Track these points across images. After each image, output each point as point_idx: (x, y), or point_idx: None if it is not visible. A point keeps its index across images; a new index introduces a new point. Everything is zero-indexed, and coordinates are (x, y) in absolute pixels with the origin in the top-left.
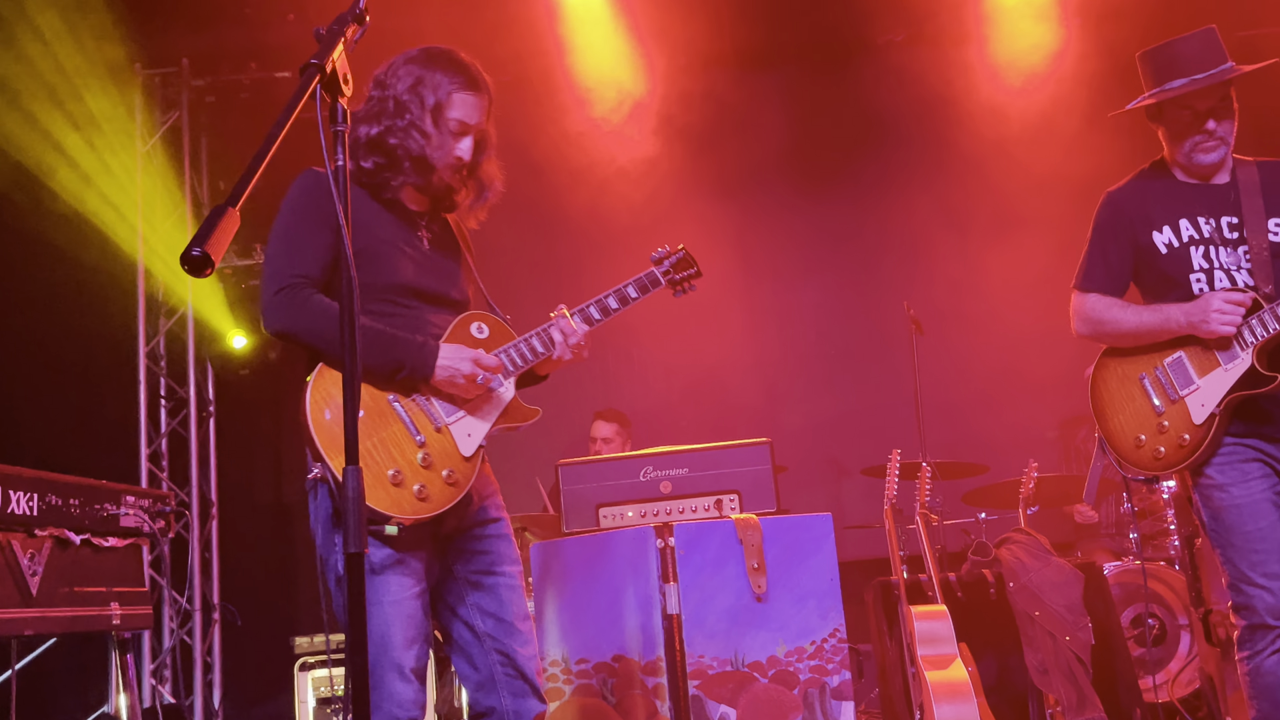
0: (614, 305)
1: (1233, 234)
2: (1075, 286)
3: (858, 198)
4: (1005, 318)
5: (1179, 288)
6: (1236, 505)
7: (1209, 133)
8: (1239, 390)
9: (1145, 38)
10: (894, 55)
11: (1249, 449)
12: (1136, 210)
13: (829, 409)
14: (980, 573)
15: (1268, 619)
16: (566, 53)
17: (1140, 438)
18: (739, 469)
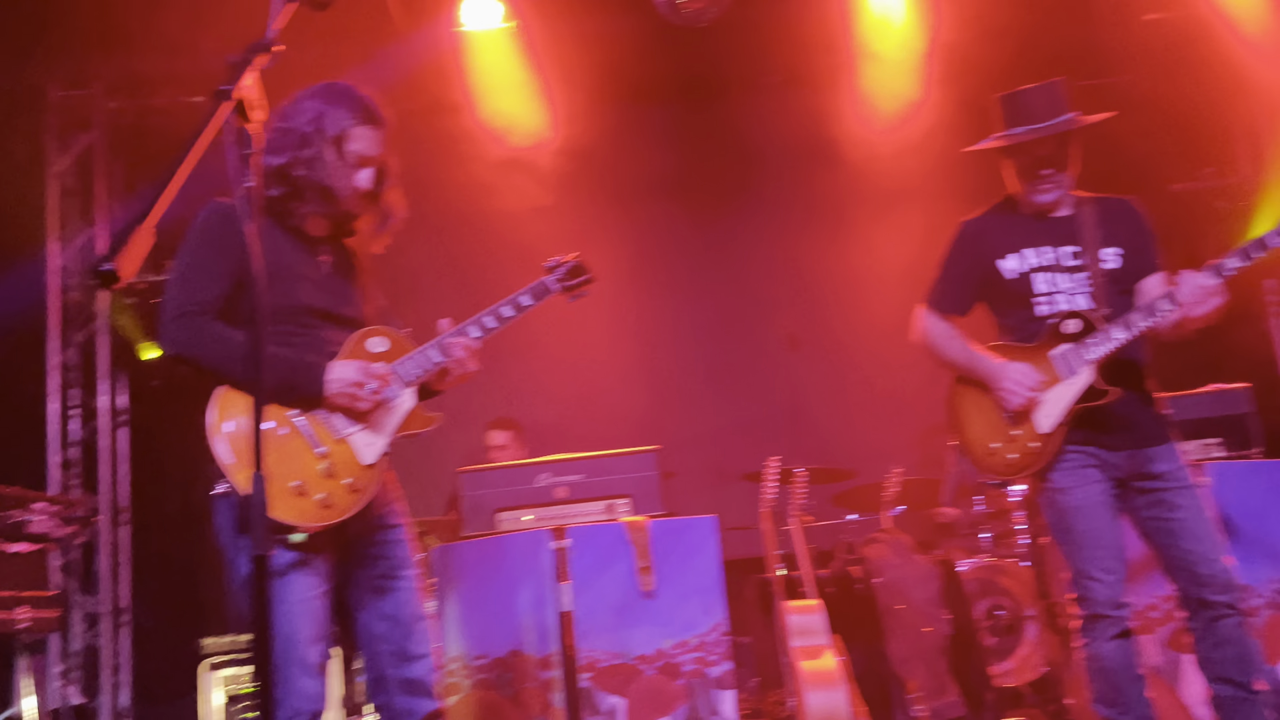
0: (507, 313)
1: (1073, 262)
2: (923, 301)
3: (741, 222)
4: (873, 334)
5: (1025, 309)
6: (1077, 507)
7: (1045, 177)
8: (1080, 402)
9: (1000, 85)
10: (772, 94)
11: (1088, 456)
12: (987, 239)
13: (712, 418)
14: (849, 570)
15: (1103, 609)
16: (472, 84)
17: (993, 445)
18: (629, 475)
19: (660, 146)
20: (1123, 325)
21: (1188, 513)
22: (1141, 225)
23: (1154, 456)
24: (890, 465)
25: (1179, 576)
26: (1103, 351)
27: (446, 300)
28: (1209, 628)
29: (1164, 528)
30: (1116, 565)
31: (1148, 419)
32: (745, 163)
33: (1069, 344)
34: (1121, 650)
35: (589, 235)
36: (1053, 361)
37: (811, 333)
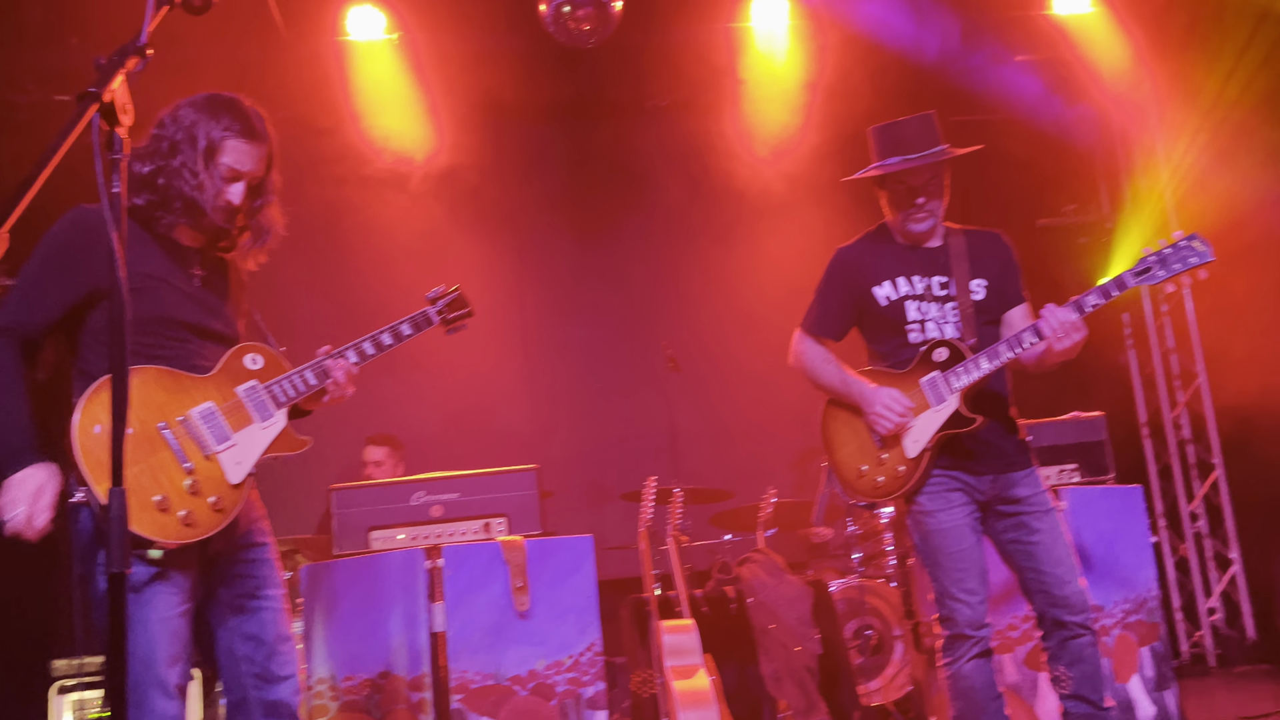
0: (387, 341)
1: (942, 291)
2: (800, 325)
3: (624, 244)
4: (752, 357)
5: (897, 336)
6: (942, 529)
7: (919, 206)
8: (947, 429)
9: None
10: (657, 118)
11: (953, 480)
12: (861, 266)
13: (593, 438)
14: (723, 589)
15: (966, 630)
16: (354, 96)
17: (863, 468)
18: (507, 494)
19: (545, 166)
20: (989, 355)
21: (1046, 536)
22: (1008, 258)
23: (1015, 481)
24: (765, 486)
25: (1036, 598)
26: (969, 380)
27: (323, 318)
28: (1063, 647)
29: (1023, 550)
30: (979, 587)
31: (1010, 445)
32: (629, 185)
33: (938, 371)
34: (982, 670)
35: (472, 253)
36: (922, 388)
37: (692, 354)
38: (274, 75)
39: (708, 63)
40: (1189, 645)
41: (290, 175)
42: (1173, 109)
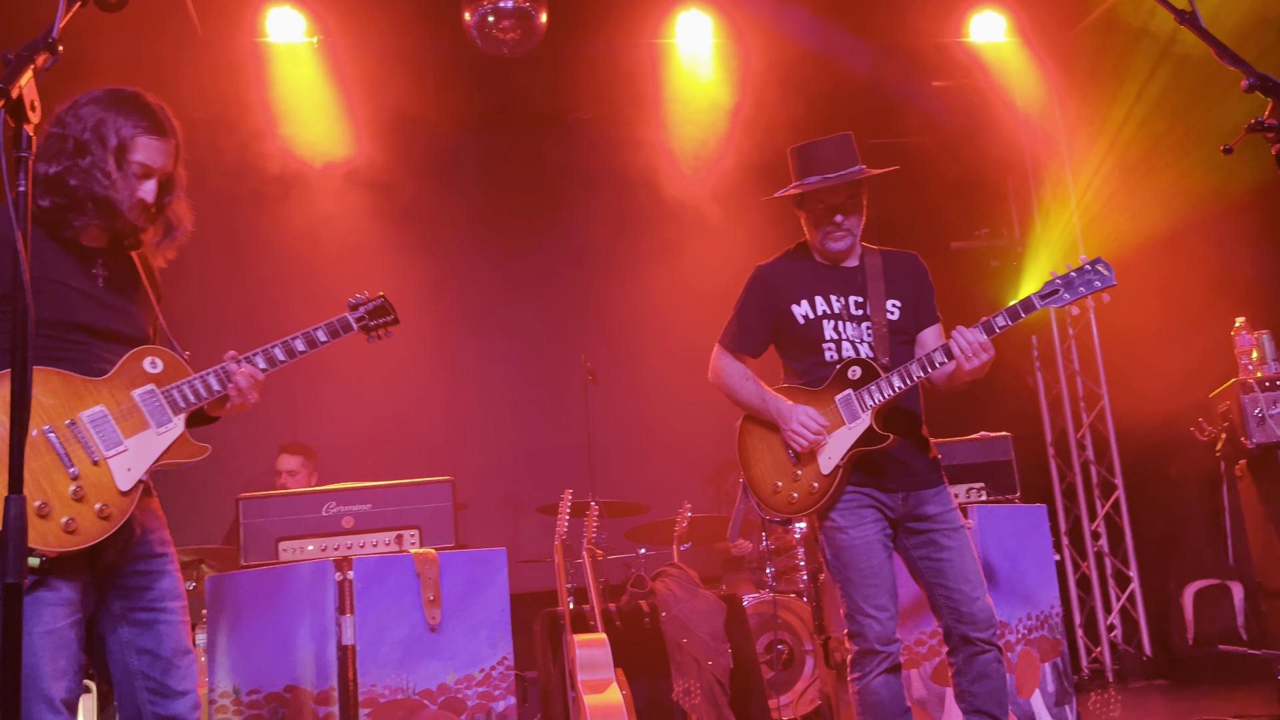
0: (300, 348)
1: (858, 311)
2: (719, 341)
3: (545, 257)
4: (670, 373)
5: (814, 354)
6: (854, 545)
7: (837, 224)
8: (859, 446)
9: (798, 139)
10: (582, 131)
11: (866, 497)
12: (780, 284)
13: (510, 451)
14: (638, 603)
15: (876, 645)
16: (273, 99)
17: (778, 484)
18: (420, 505)
19: (466, 175)
20: (901, 374)
21: (955, 553)
22: (923, 279)
23: (926, 499)
24: (681, 501)
25: (944, 614)
26: (882, 398)
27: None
28: (969, 663)
29: (933, 567)
30: (889, 603)
31: (922, 464)
32: (551, 197)
33: (851, 390)
34: (891, 685)
35: (388, 261)
36: (837, 406)
37: (611, 368)
38: (189, 75)
39: (631, 77)
40: (1089, 661)
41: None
42: (1081, 138)
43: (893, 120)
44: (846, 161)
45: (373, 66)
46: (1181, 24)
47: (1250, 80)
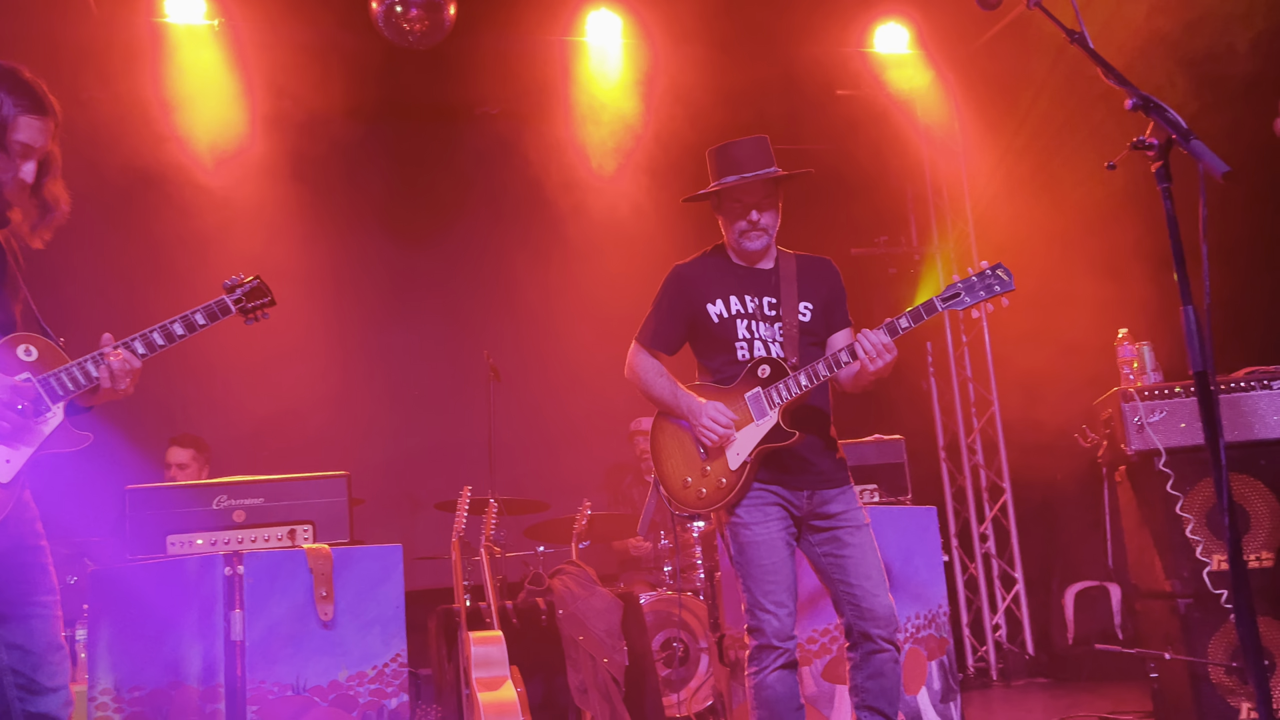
0: (179, 331)
1: (771, 312)
2: (636, 338)
3: (450, 251)
4: (572, 370)
5: (726, 352)
6: (756, 542)
7: (754, 223)
8: (766, 443)
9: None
10: (490, 125)
11: (772, 494)
12: (697, 283)
13: (409, 446)
14: (535, 601)
15: (773, 640)
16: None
17: (687, 479)
18: (315, 500)
19: (370, 166)
20: (808, 373)
21: (858, 551)
22: (835, 284)
23: (831, 498)
24: (581, 499)
25: (846, 610)
26: (789, 396)
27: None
28: (867, 659)
29: (835, 564)
30: (788, 600)
31: (827, 462)
32: (456, 191)
33: (760, 388)
34: (786, 680)
35: (288, 251)
36: (746, 403)
37: (514, 365)
38: (82, 54)
39: (540, 74)
40: (974, 659)
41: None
42: (978, 150)
43: (798, 126)
44: (762, 162)
45: (275, 52)
46: (1072, 43)
47: (1134, 100)
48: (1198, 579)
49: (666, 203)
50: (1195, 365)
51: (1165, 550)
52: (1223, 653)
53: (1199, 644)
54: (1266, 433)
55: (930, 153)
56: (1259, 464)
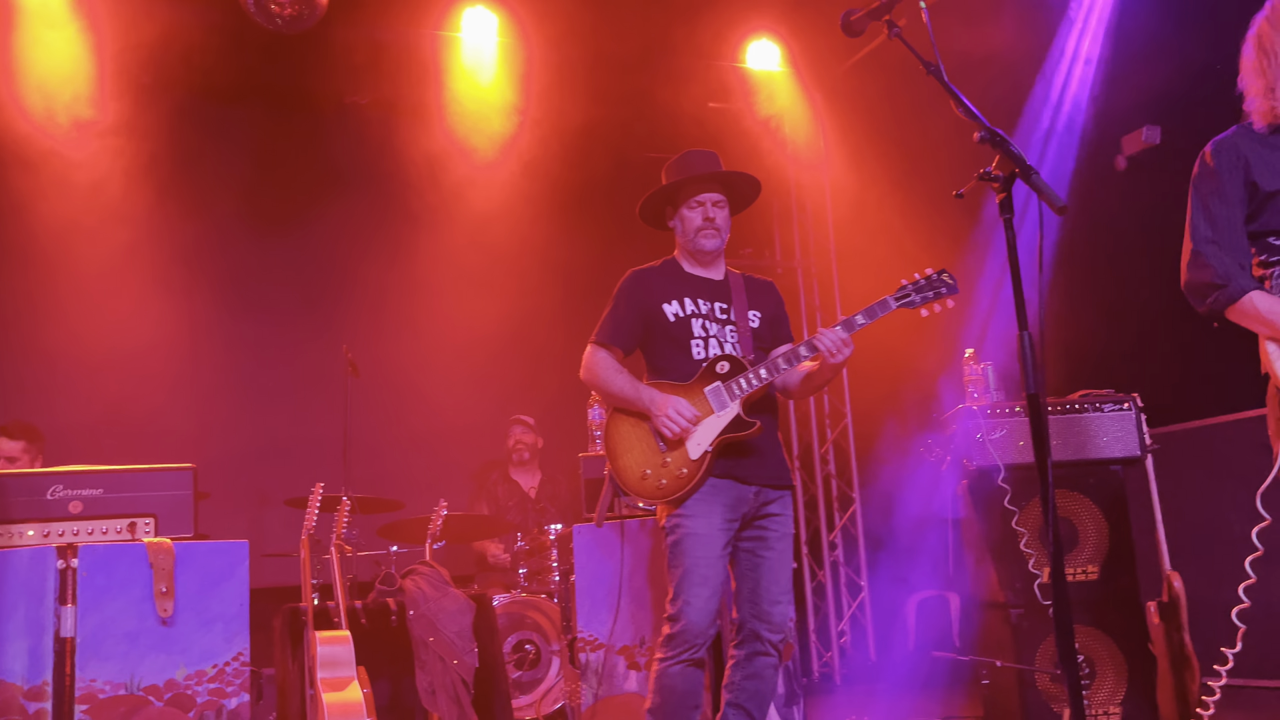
0: None
1: (724, 315)
2: (591, 339)
3: (312, 241)
4: (433, 368)
5: (682, 350)
6: (697, 534)
7: (710, 220)
8: (728, 433)
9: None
10: (359, 115)
11: (723, 490)
12: (652, 285)
13: (260, 440)
14: (385, 601)
15: (688, 633)
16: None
17: (646, 472)
18: (157, 493)
19: (231, 149)
20: (768, 367)
21: (777, 558)
22: (779, 303)
23: (772, 499)
24: (438, 499)
25: (744, 606)
26: (749, 389)
27: None
28: (750, 659)
29: (752, 561)
30: (713, 598)
31: (776, 462)
32: (321, 180)
33: (720, 382)
34: (688, 677)
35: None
36: (706, 396)
37: (373, 360)
38: None
39: (413, 67)
40: (820, 665)
41: None
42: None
43: (669, 135)
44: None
45: (137, 28)
46: (929, 74)
47: (981, 134)
48: (1029, 590)
49: (536, 202)
50: (1028, 388)
51: (1001, 562)
52: (1049, 661)
53: (1028, 652)
54: (1096, 453)
55: (796, 170)
56: (1089, 483)
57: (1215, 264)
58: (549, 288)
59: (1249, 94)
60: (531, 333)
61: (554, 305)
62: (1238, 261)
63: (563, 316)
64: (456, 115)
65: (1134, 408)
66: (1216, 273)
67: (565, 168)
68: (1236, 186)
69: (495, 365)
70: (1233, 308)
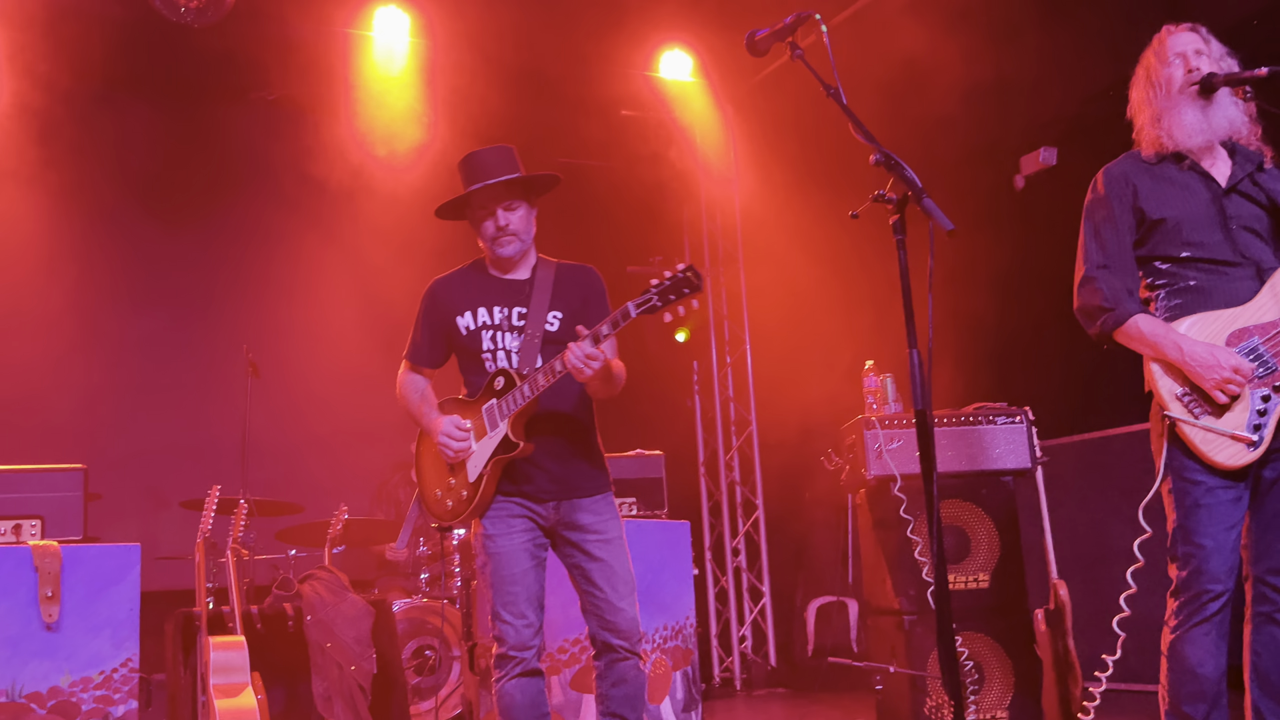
0: None
1: (520, 323)
2: (402, 356)
3: (214, 238)
4: (336, 373)
5: (476, 363)
6: (500, 553)
7: (502, 228)
8: (498, 454)
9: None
10: (266, 111)
11: (516, 505)
12: (449, 297)
13: (156, 440)
14: (282, 606)
15: (511, 650)
16: None
17: (438, 492)
18: (45, 494)
19: (132, 142)
20: (529, 383)
21: (607, 563)
22: (592, 292)
23: (580, 508)
24: (338, 503)
25: (590, 620)
26: (514, 408)
27: None
28: (611, 668)
29: (583, 574)
30: (528, 610)
31: (577, 472)
32: (225, 176)
33: (495, 399)
34: (526, 689)
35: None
36: (483, 415)
37: (275, 361)
38: None
39: (323, 63)
40: (720, 670)
41: None
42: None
43: (581, 142)
44: (507, 169)
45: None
46: (828, 96)
47: (877, 156)
48: (923, 597)
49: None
50: (916, 404)
51: (896, 569)
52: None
53: (920, 658)
54: (989, 464)
55: (706, 180)
56: (981, 493)
57: (1105, 288)
58: None
59: (1137, 123)
60: None
61: None
62: (1126, 286)
63: None
64: (365, 114)
65: (1025, 421)
66: (1106, 297)
67: None
68: (1125, 213)
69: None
70: (1120, 330)
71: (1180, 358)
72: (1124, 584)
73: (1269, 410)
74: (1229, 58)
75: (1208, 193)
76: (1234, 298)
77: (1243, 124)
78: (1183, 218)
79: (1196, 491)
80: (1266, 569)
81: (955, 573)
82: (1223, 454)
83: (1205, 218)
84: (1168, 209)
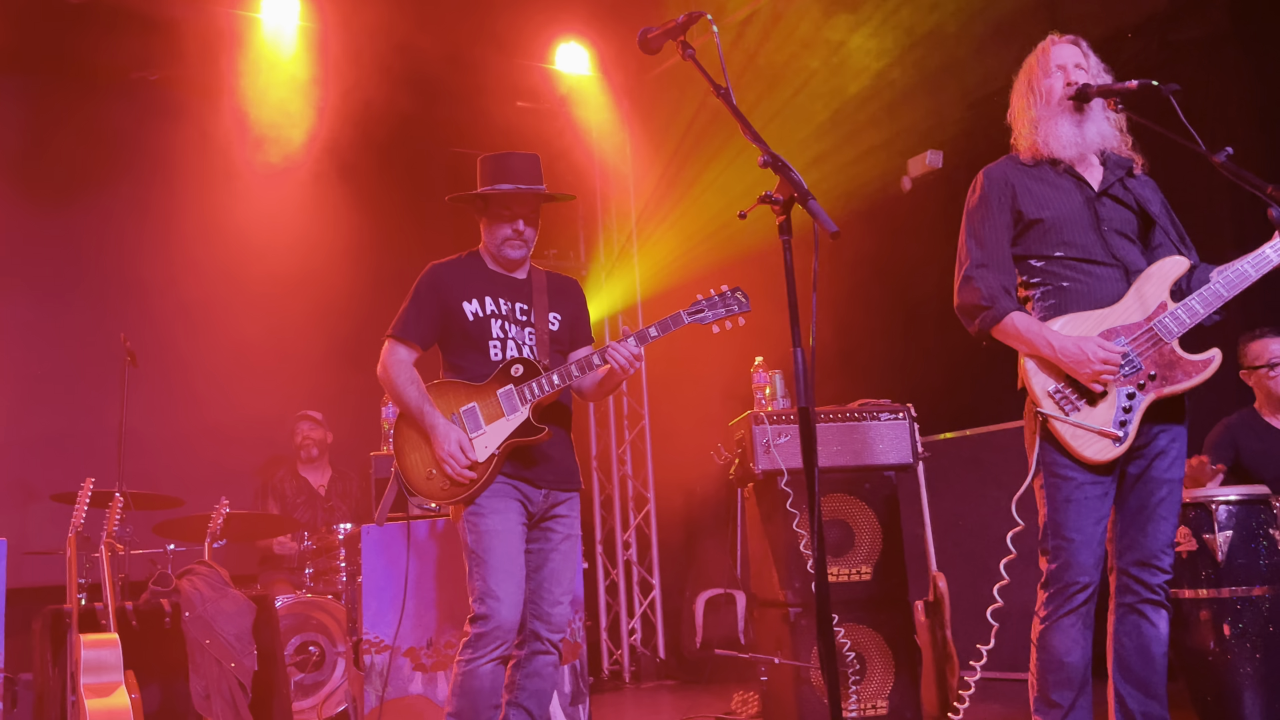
0: None
1: (523, 317)
2: (389, 333)
3: (92, 223)
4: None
5: (479, 350)
6: (496, 530)
7: (519, 233)
8: (516, 437)
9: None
10: (149, 92)
11: (513, 488)
12: (453, 281)
13: (25, 430)
14: (159, 602)
15: (498, 629)
16: None
17: (431, 472)
18: None
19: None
20: (560, 373)
21: (560, 557)
22: (581, 303)
23: (560, 501)
24: (219, 496)
25: (527, 605)
26: (540, 393)
27: None
28: (531, 658)
29: (535, 561)
30: (517, 594)
31: (567, 464)
32: (104, 159)
33: (513, 385)
34: (496, 675)
35: None
36: (498, 399)
37: (154, 351)
38: None
39: (208, 45)
40: (610, 662)
41: None
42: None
43: (474, 132)
44: (534, 179)
45: None
46: (718, 97)
47: (765, 158)
48: (808, 590)
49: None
50: (800, 401)
51: (781, 562)
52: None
53: (804, 649)
54: (872, 459)
55: (601, 175)
56: (864, 487)
57: (983, 287)
58: (340, 279)
59: (1016, 128)
60: (322, 324)
61: (345, 297)
62: (1003, 284)
63: (355, 308)
64: (251, 99)
65: (908, 417)
66: (984, 295)
67: (364, 158)
68: (1004, 213)
69: (283, 358)
70: (997, 327)
71: (1052, 354)
72: (999, 574)
73: (1134, 407)
74: (1105, 74)
75: (1081, 195)
76: (1103, 298)
77: (1113, 136)
78: (1058, 218)
79: (1067, 487)
80: (1131, 561)
81: (838, 565)
82: (1091, 449)
83: (1079, 219)
84: (1045, 209)
